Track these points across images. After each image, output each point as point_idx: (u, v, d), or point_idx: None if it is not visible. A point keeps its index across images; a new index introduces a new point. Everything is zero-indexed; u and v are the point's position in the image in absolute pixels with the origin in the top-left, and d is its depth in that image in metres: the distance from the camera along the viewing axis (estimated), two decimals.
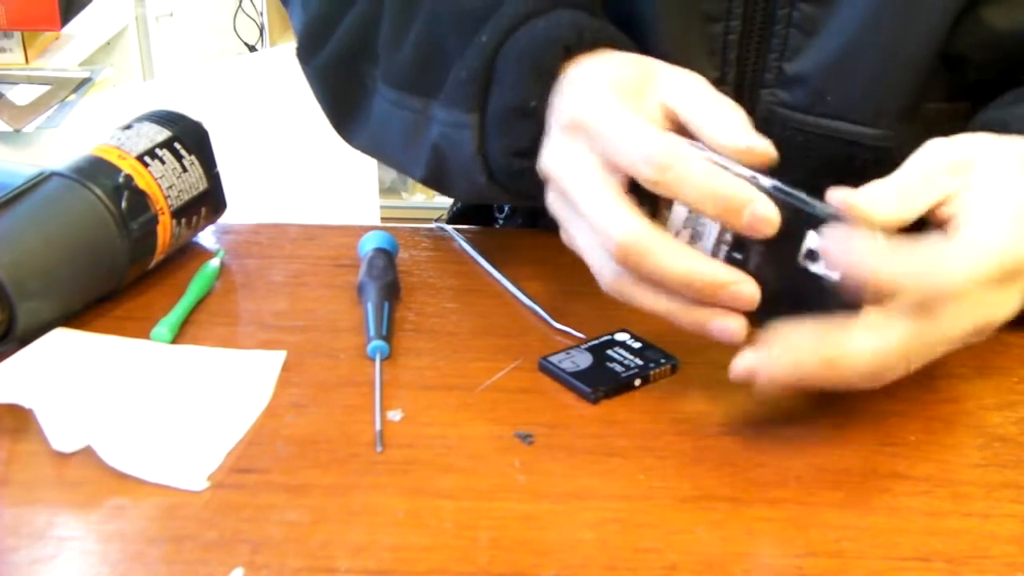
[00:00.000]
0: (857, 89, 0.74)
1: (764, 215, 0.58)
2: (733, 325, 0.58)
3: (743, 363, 0.57)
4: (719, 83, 0.76)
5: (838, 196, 0.58)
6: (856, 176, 0.76)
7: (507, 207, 0.93)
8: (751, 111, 0.77)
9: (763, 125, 0.77)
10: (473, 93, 0.68)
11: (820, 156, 0.76)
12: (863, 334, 0.55)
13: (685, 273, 0.58)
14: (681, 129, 0.62)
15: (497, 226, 0.94)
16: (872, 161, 0.75)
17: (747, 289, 0.58)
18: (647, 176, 0.59)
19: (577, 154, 0.62)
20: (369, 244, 0.75)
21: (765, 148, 0.60)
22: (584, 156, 0.61)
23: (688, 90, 0.63)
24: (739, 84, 0.76)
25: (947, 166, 0.59)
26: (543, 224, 0.86)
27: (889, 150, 0.74)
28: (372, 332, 0.67)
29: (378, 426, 0.60)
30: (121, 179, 0.70)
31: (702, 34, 0.75)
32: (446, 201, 1.17)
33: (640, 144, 0.59)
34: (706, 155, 0.59)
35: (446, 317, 0.71)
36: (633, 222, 0.58)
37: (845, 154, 0.75)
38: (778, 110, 0.76)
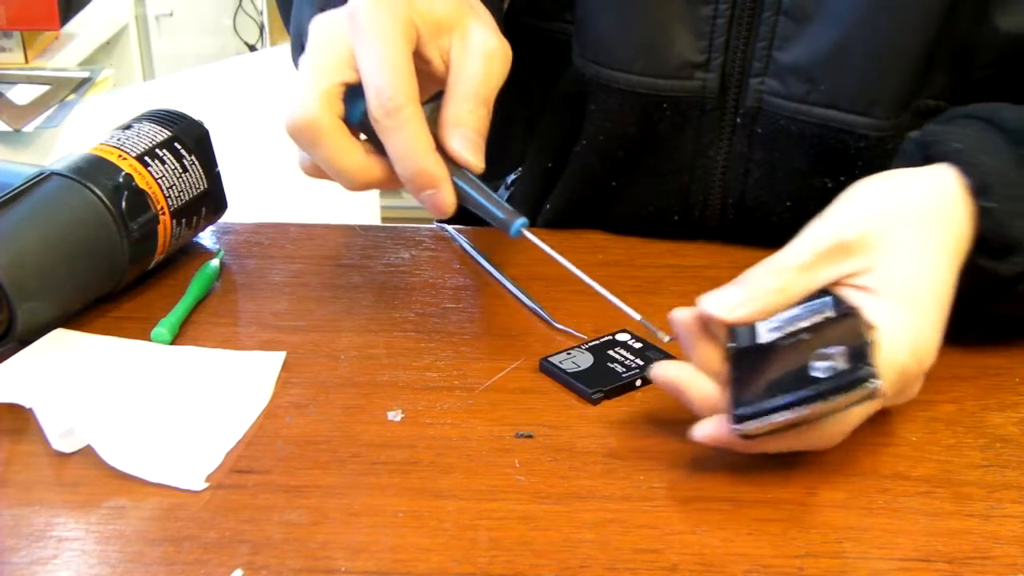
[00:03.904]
0: (851, 79, 0.74)
1: (440, 202, 0.61)
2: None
3: (706, 432, 0.57)
4: (703, 68, 0.76)
5: (700, 303, 0.58)
6: (849, 163, 0.76)
7: None
8: (738, 100, 0.77)
9: (754, 115, 0.77)
10: None
11: (814, 144, 0.76)
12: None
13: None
14: None
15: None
16: (865, 149, 0.75)
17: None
18: (371, 108, 0.60)
19: (335, 26, 0.62)
20: None
21: (467, 162, 0.62)
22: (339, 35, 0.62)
23: (469, 54, 0.63)
24: (724, 72, 0.76)
25: (831, 251, 0.58)
26: (540, 223, 0.86)
27: (883, 139, 0.75)
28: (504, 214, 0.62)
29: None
30: (121, 179, 0.70)
31: (689, 15, 0.75)
32: None
33: (385, 75, 0.59)
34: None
35: (446, 317, 0.71)
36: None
37: (839, 143, 0.76)
38: (770, 99, 0.76)
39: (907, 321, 0.57)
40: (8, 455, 0.59)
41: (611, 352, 0.66)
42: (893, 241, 0.59)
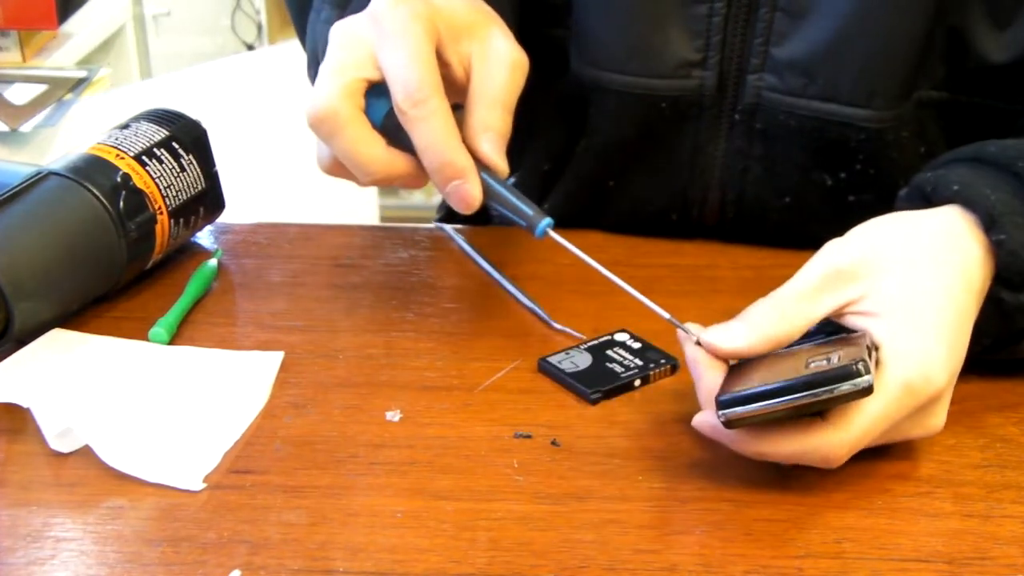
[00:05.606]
0: (849, 72, 0.74)
1: (467, 194, 0.61)
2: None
3: (701, 420, 0.57)
4: (700, 67, 0.76)
5: (699, 337, 0.58)
6: (850, 158, 0.76)
7: None
8: (736, 97, 0.77)
9: (752, 111, 0.77)
10: None
11: (814, 139, 0.76)
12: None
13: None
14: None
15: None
16: (866, 142, 0.75)
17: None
18: (397, 100, 0.60)
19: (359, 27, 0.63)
20: None
21: (495, 164, 0.62)
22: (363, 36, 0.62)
23: (493, 61, 0.63)
24: (722, 70, 0.77)
25: (827, 278, 0.58)
26: None
27: (883, 131, 0.75)
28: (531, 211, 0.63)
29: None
30: (119, 178, 0.70)
31: (683, 15, 0.75)
32: None
33: (411, 68, 0.60)
34: None
35: (446, 317, 0.71)
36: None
37: (839, 136, 0.76)
38: (768, 95, 0.76)
39: (911, 339, 0.56)
40: (6, 455, 0.58)
41: (610, 352, 0.66)
42: (891, 265, 0.58)
